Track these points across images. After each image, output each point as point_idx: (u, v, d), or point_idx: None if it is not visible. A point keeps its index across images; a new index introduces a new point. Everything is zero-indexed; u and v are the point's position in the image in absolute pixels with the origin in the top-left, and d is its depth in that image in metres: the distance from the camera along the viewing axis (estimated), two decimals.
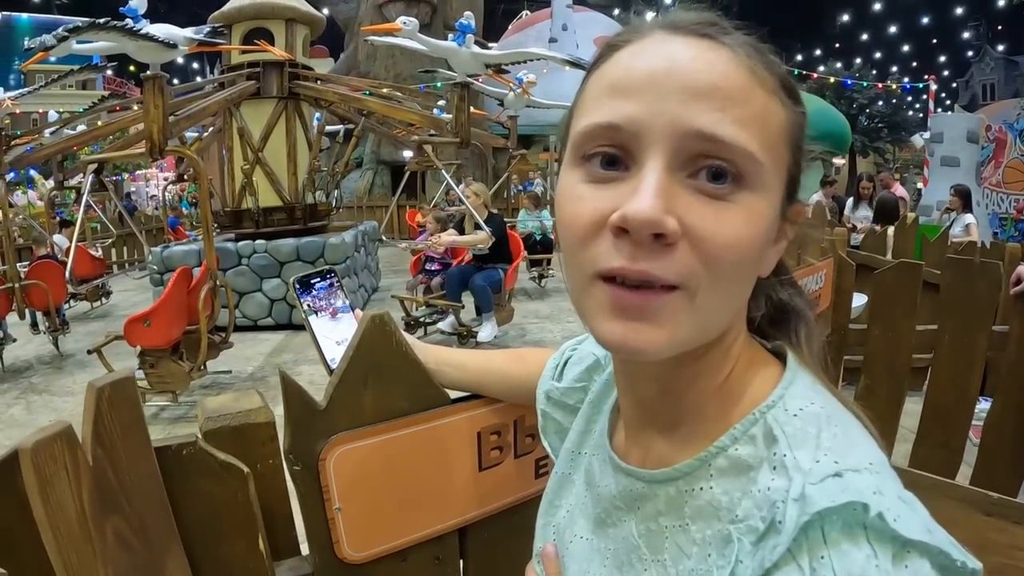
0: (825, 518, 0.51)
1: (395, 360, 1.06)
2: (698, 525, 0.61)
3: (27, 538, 0.87)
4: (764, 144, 0.57)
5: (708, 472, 0.62)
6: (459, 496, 1.16)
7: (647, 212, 0.54)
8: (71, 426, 0.81)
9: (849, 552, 0.49)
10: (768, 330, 0.72)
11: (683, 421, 0.67)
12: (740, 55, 0.59)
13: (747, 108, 0.57)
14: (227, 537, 0.98)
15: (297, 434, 1.00)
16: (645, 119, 0.57)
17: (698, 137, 0.55)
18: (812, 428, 0.58)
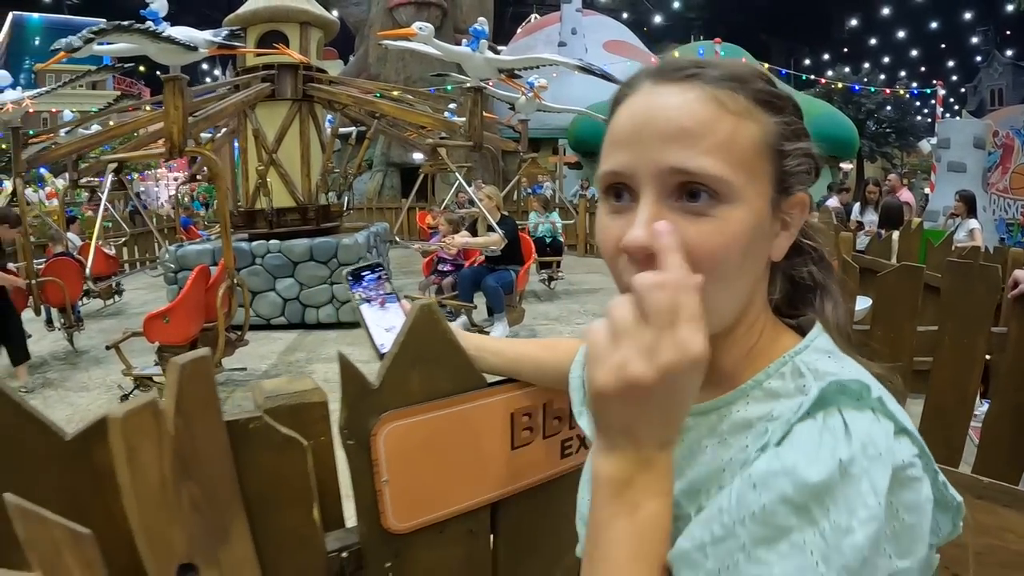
0: (839, 395, 0.65)
1: (440, 345, 1.17)
2: (735, 437, 0.74)
3: (98, 507, 0.98)
4: (733, 163, 0.70)
5: (745, 400, 0.76)
6: (492, 473, 1.26)
7: (637, 240, 0.69)
8: (158, 398, 0.91)
9: (856, 414, 0.64)
10: (787, 309, 0.85)
11: (717, 383, 0.79)
12: (707, 91, 0.72)
13: (712, 138, 0.70)
14: (285, 506, 1.08)
15: (352, 411, 1.10)
16: (633, 164, 0.72)
17: (673, 172, 0.70)
18: (833, 366, 0.73)
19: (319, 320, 8.76)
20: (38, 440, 0.94)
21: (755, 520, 0.59)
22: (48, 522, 0.84)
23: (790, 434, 0.65)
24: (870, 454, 0.60)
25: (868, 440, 0.61)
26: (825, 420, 0.63)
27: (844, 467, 0.58)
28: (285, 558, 1.10)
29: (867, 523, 0.57)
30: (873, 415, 0.65)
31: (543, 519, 1.37)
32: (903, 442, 0.65)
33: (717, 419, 0.77)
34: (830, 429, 0.62)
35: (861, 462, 0.59)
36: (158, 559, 0.94)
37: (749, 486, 0.61)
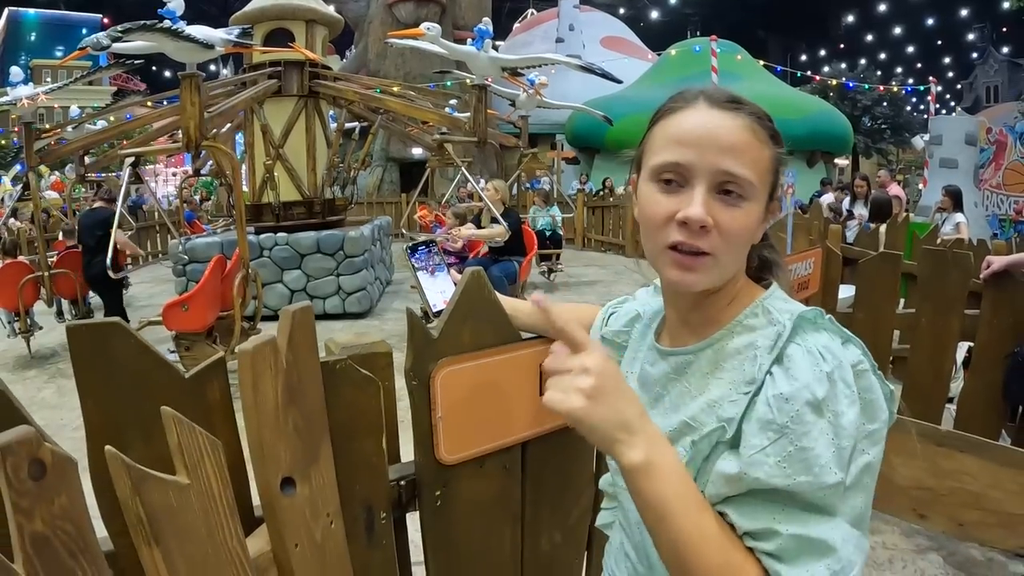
0: (803, 320, 0.97)
1: (486, 304, 1.43)
2: (728, 363, 1.02)
3: None
4: (757, 174, 1.00)
5: (731, 335, 1.04)
6: (524, 416, 1.51)
7: (699, 215, 0.97)
8: (275, 338, 1.15)
9: (817, 336, 0.96)
10: (756, 273, 1.14)
11: (707, 324, 1.09)
12: (747, 121, 1.01)
13: (749, 155, 1.00)
14: (360, 436, 1.32)
15: (417, 356, 1.34)
16: (696, 161, 0.99)
17: (724, 174, 0.98)
18: (788, 306, 1.04)
19: (326, 311, 8.98)
20: (163, 377, 1.18)
21: (795, 421, 0.89)
22: (195, 431, 1.07)
23: (788, 356, 0.94)
24: (835, 364, 0.91)
25: (832, 354, 0.92)
26: (805, 344, 0.94)
27: (829, 377, 0.90)
28: (356, 483, 1.35)
29: (851, 405, 0.90)
30: (828, 334, 0.96)
31: (564, 460, 1.62)
32: (850, 348, 0.96)
33: (713, 353, 1.05)
34: (811, 351, 0.92)
35: (835, 371, 0.90)
36: (267, 469, 1.17)
37: (783, 400, 0.90)
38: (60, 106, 18.35)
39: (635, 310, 1.34)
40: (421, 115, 8.91)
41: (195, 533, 1.05)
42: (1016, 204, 14.33)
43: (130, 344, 1.15)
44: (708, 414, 1.00)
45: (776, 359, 0.95)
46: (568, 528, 1.75)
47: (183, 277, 8.87)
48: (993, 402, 3.27)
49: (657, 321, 1.23)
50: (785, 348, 0.95)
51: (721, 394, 1.00)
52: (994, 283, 3.23)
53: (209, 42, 5.91)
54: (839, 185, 12.72)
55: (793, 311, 1.01)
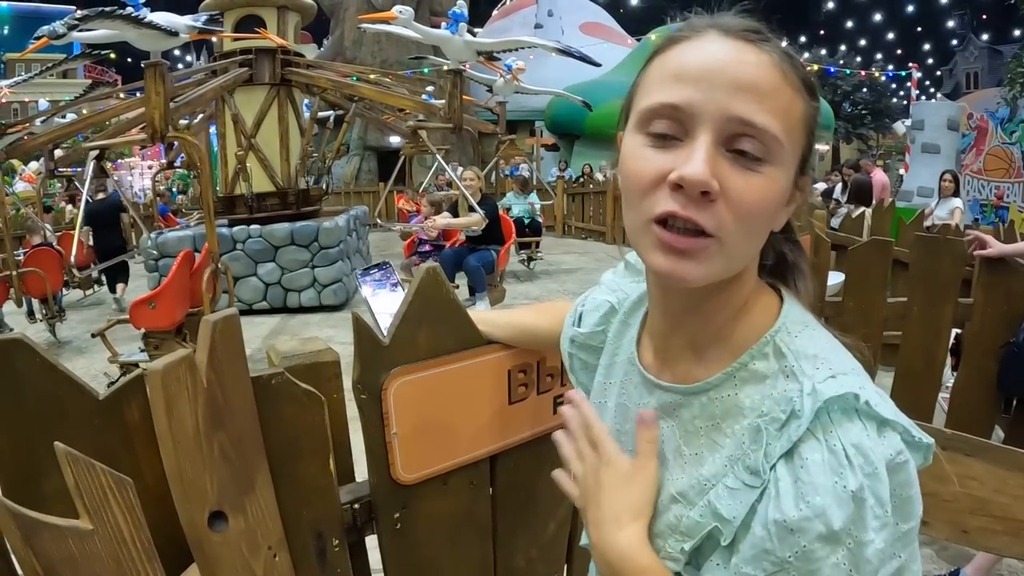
0: (830, 406, 0.72)
1: (444, 305, 1.26)
2: (727, 422, 0.81)
3: (128, 462, 1.06)
4: (786, 129, 0.75)
5: (733, 382, 0.81)
6: (492, 426, 1.36)
7: (699, 175, 0.71)
8: (193, 352, 0.99)
9: (848, 427, 0.71)
10: (769, 278, 0.90)
11: (705, 340, 0.86)
12: (775, 59, 0.76)
13: (776, 102, 0.74)
14: (303, 458, 1.16)
15: (365, 366, 1.19)
16: (699, 103, 0.74)
17: (738, 121, 0.73)
18: (809, 346, 0.80)
19: (301, 304, 8.81)
20: (74, 399, 1.02)
21: (799, 558, 0.69)
22: (96, 469, 0.92)
23: (803, 457, 0.71)
24: (868, 472, 0.68)
25: (864, 459, 0.69)
26: (827, 442, 0.71)
27: (856, 496, 0.68)
28: (303, 508, 1.19)
29: (881, 530, 0.69)
30: (861, 423, 0.72)
31: (538, 472, 1.46)
32: (887, 435, 0.72)
33: (707, 400, 0.83)
34: (835, 454, 0.69)
35: (865, 486, 0.68)
36: (191, 504, 1.02)
37: (787, 531, 0.70)
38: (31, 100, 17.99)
39: (607, 302, 1.10)
40: (395, 102, 8.73)
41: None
42: (997, 189, 14.31)
43: (35, 363, 1.01)
44: (698, 492, 0.82)
45: (786, 453, 0.73)
46: (544, 544, 1.61)
47: (155, 272, 8.67)
48: (987, 393, 3.17)
49: (637, 318, 1.01)
50: (800, 443, 0.72)
51: (715, 471, 0.80)
52: (987, 271, 3.11)
53: (173, 29, 5.71)
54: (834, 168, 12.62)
55: (815, 375, 0.75)
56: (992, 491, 1.76)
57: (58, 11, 50.21)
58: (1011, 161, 13.86)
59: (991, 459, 1.74)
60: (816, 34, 56.90)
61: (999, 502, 1.75)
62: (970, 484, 1.75)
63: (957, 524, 1.87)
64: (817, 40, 53.92)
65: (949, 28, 58.46)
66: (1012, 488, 1.72)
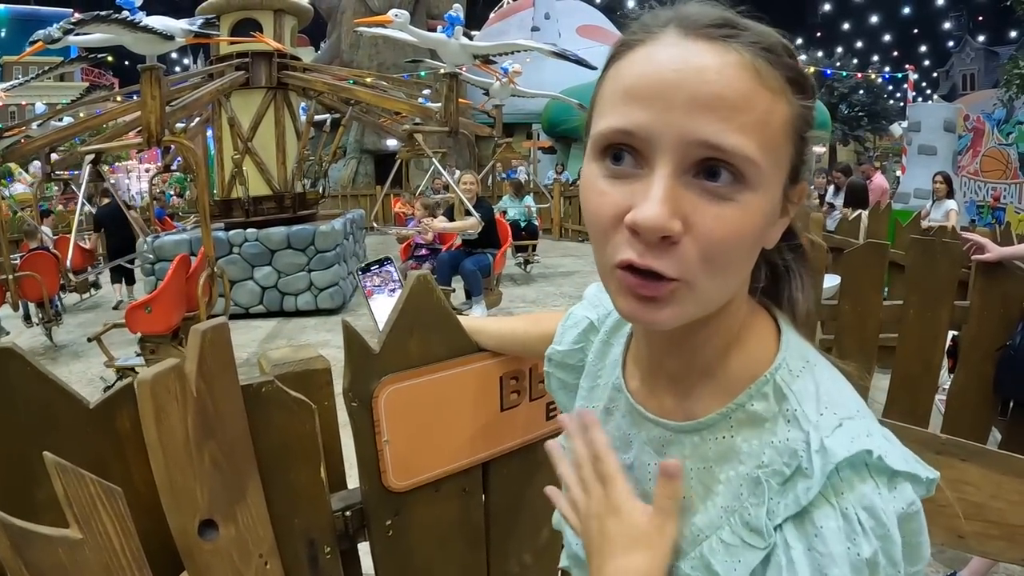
0: (840, 466, 0.65)
1: (435, 312, 1.26)
2: (721, 467, 0.74)
3: (119, 471, 1.05)
4: (764, 146, 0.64)
5: (729, 424, 0.74)
6: (484, 433, 1.36)
7: (653, 220, 0.62)
8: (183, 362, 0.99)
9: (861, 488, 0.64)
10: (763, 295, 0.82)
11: (696, 375, 0.78)
12: (746, 59, 0.64)
13: (749, 114, 0.63)
14: (294, 466, 1.16)
15: (356, 374, 1.18)
16: (655, 127, 0.63)
17: (702, 145, 0.62)
18: (811, 385, 0.72)
19: (298, 307, 8.78)
20: (64, 408, 1.01)
21: None
22: (85, 479, 0.92)
23: (816, 525, 0.65)
24: (880, 535, 0.63)
25: (875, 522, 0.63)
26: (840, 504, 0.64)
27: (870, 562, 0.62)
28: (294, 516, 1.19)
29: None
30: (872, 480, 0.65)
31: (530, 478, 1.46)
32: (898, 487, 0.65)
33: (700, 441, 0.76)
34: (849, 521, 0.64)
35: (878, 550, 0.63)
36: (182, 514, 1.02)
37: None
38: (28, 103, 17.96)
39: (586, 318, 1.02)
40: (391, 105, 8.72)
41: None
42: (994, 190, 14.35)
43: (26, 371, 1.00)
44: (690, 542, 0.76)
45: (795, 516, 0.66)
46: (538, 549, 1.60)
47: (151, 276, 8.65)
48: (983, 396, 3.16)
49: (620, 338, 0.94)
50: (812, 509, 0.65)
51: (708, 521, 0.74)
52: (984, 274, 3.11)
53: (169, 33, 5.70)
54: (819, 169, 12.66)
55: (820, 425, 0.68)
56: (988, 496, 1.75)
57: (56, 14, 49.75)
58: (1007, 162, 13.91)
59: (987, 464, 1.74)
60: (812, 36, 57.01)
61: (995, 507, 1.74)
62: (966, 489, 1.75)
63: (953, 529, 1.87)
64: (813, 42, 54.06)
65: (945, 30, 58.62)
66: (1007, 493, 1.71)
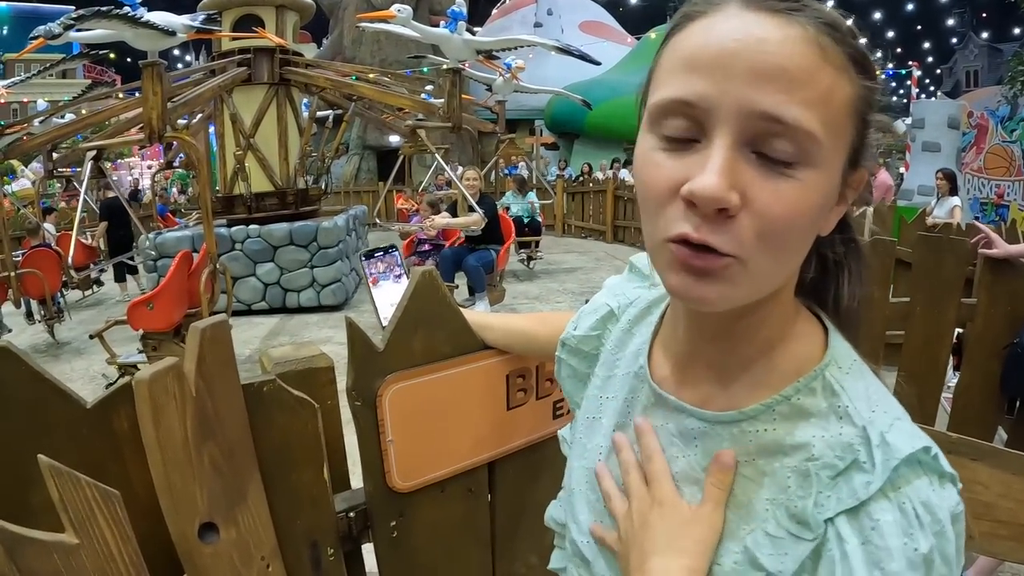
0: (900, 462, 0.63)
1: (440, 309, 1.23)
2: (765, 459, 0.71)
3: (117, 473, 1.03)
4: (826, 122, 0.62)
5: (772, 416, 0.71)
6: (489, 433, 1.33)
7: (712, 190, 0.60)
8: (181, 361, 0.96)
9: (917, 483, 0.63)
10: (807, 292, 0.79)
11: (738, 365, 0.76)
12: (810, 33, 0.63)
13: (812, 89, 0.61)
14: (297, 466, 1.13)
15: (359, 373, 1.16)
16: (714, 97, 0.62)
17: (763, 117, 0.61)
18: (860, 384, 0.71)
19: (300, 304, 8.78)
20: (61, 409, 0.99)
21: None
22: (81, 482, 0.89)
23: (874, 519, 0.63)
24: (936, 531, 0.62)
25: (932, 518, 0.62)
26: (897, 499, 0.63)
27: (926, 559, 0.61)
28: (296, 518, 1.16)
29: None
30: (927, 477, 0.64)
31: (537, 478, 1.44)
32: (947, 488, 0.64)
33: (739, 433, 0.73)
34: (906, 515, 0.62)
35: (934, 547, 0.61)
36: (181, 517, 0.99)
37: None
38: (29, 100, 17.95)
39: (605, 305, 0.99)
40: (393, 101, 8.70)
41: None
42: (998, 187, 14.31)
43: (22, 371, 0.97)
44: (734, 539, 0.72)
45: (851, 511, 0.64)
46: (545, 550, 1.56)
47: (154, 273, 8.65)
48: (990, 394, 3.14)
49: (645, 327, 0.91)
50: (871, 503, 0.63)
51: (752, 513, 0.71)
52: (991, 271, 3.08)
53: (170, 28, 5.67)
54: None
55: (876, 421, 0.67)
56: (997, 495, 1.73)
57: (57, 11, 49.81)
58: (1011, 159, 13.87)
59: (996, 463, 1.72)
60: None
61: (1004, 507, 1.73)
62: (975, 488, 1.73)
63: None
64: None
65: (949, 26, 58.44)
66: (1017, 493, 1.69)
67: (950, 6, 55.70)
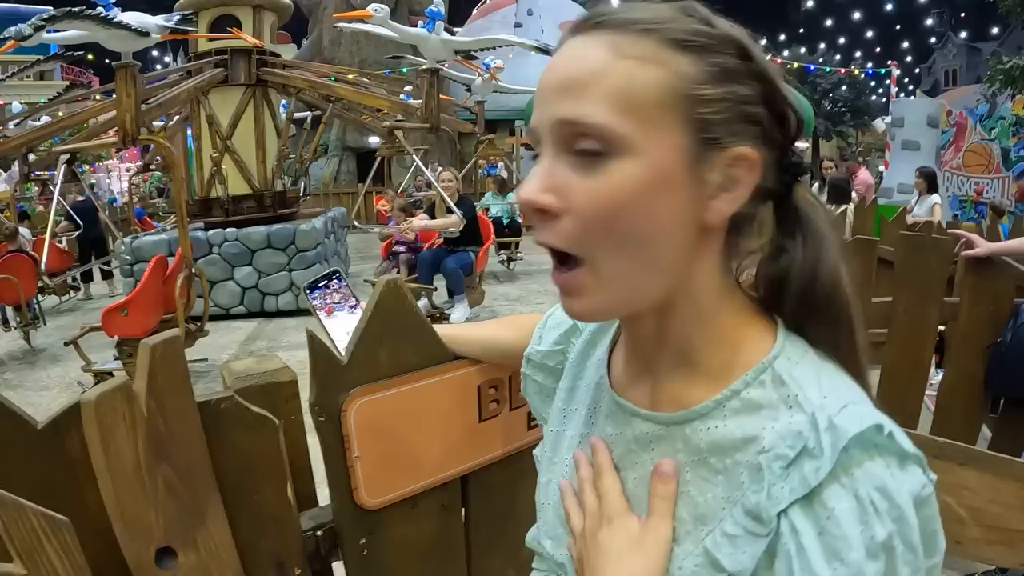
0: (850, 444, 0.61)
1: (406, 319, 1.18)
2: (716, 457, 0.70)
3: (71, 496, 0.97)
4: (624, 111, 0.64)
5: (723, 412, 0.71)
6: (461, 446, 1.28)
7: (524, 194, 0.68)
8: (130, 380, 0.91)
9: (871, 467, 0.61)
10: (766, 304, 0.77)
11: (681, 366, 0.75)
12: (604, 40, 0.67)
13: (602, 86, 0.65)
14: (259, 486, 1.08)
15: (322, 387, 1.11)
16: (538, 120, 0.70)
17: (563, 123, 0.67)
18: (812, 372, 0.70)
19: (279, 308, 8.68)
20: (9, 429, 0.94)
21: None
22: (26, 511, 0.84)
23: (828, 508, 0.61)
24: (895, 517, 0.60)
25: (889, 503, 0.60)
26: (852, 485, 0.61)
27: (886, 546, 0.59)
28: (261, 539, 1.11)
29: (914, 575, 0.61)
30: (883, 460, 0.62)
31: (512, 490, 1.39)
32: (909, 470, 0.63)
33: (691, 432, 0.72)
34: (860, 502, 0.60)
35: (894, 533, 0.59)
36: (135, 543, 0.94)
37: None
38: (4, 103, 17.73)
39: (568, 320, 0.99)
40: (372, 102, 8.64)
41: None
42: (976, 185, 14.40)
43: None
44: (692, 540, 0.71)
45: (805, 498, 0.62)
46: (522, 563, 1.51)
47: (131, 278, 8.54)
48: (974, 394, 3.11)
49: (605, 339, 0.91)
50: (823, 489, 0.61)
51: (710, 515, 0.70)
52: (974, 270, 3.06)
53: (144, 29, 5.59)
54: None
55: (826, 405, 0.65)
56: (986, 500, 1.71)
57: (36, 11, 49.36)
58: (990, 157, 13.94)
59: (984, 468, 1.70)
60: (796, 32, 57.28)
61: (993, 512, 1.71)
62: (963, 493, 1.70)
63: (951, 534, 1.80)
64: (796, 38, 54.21)
65: (928, 26, 58.96)
66: (1005, 497, 1.67)
67: (929, 6, 56.28)
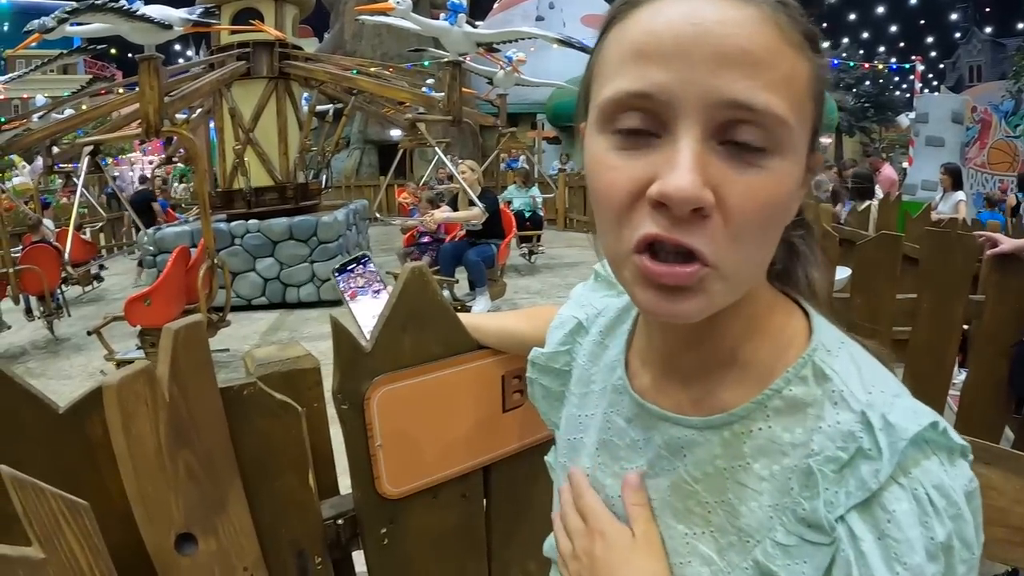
0: (910, 450, 0.58)
1: (431, 307, 1.17)
2: (761, 462, 0.65)
3: (92, 480, 0.97)
4: (792, 105, 0.58)
5: (765, 413, 0.66)
6: (484, 436, 1.28)
7: (687, 189, 0.55)
8: (152, 365, 0.91)
9: (927, 465, 0.58)
10: (775, 279, 0.74)
11: (720, 366, 0.71)
12: (767, 12, 0.58)
13: (776, 71, 0.57)
14: (280, 473, 1.08)
15: (345, 375, 1.10)
16: (677, 88, 0.56)
17: (731, 105, 0.56)
18: (851, 365, 0.65)
19: (300, 299, 8.71)
20: (32, 414, 0.94)
21: None
22: (46, 493, 0.84)
23: (888, 510, 0.58)
24: (953, 515, 0.57)
25: (946, 501, 0.58)
26: (910, 485, 0.58)
27: (945, 546, 0.57)
28: (281, 526, 1.11)
29: (968, 572, 0.59)
30: (936, 457, 0.59)
31: (534, 482, 1.37)
32: (959, 464, 0.60)
33: (732, 436, 0.67)
34: (919, 501, 0.57)
35: (952, 532, 0.57)
36: (156, 528, 0.94)
37: None
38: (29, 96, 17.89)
39: (573, 318, 0.94)
40: (393, 94, 8.65)
41: None
42: (1001, 183, 14.23)
43: None
44: (739, 551, 0.66)
45: (862, 505, 0.59)
46: (542, 557, 1.52)
47: (154, 268, 8.59)
48: (997, 393, 3.08)
49: (618, 338, 0.85)
50: (881, 491, 0.58)
51: (757, 523, 0.65)
52: (999, 267, 3.02)
53: (167, 22, 5.63)
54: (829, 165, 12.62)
55: (875, 402, 0.61)
56: (1012, 501, 1.67)
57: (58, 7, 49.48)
58: (1015, 155, 13.77)
59: (1010, 468, 1.66)
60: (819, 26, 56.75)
61: (1019, 512, 1.67)
62: (989, 494, 1.67)
63: None
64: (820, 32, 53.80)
65: (952, 21, 58.33)
66: None
67: (953, 1, 55.61)
